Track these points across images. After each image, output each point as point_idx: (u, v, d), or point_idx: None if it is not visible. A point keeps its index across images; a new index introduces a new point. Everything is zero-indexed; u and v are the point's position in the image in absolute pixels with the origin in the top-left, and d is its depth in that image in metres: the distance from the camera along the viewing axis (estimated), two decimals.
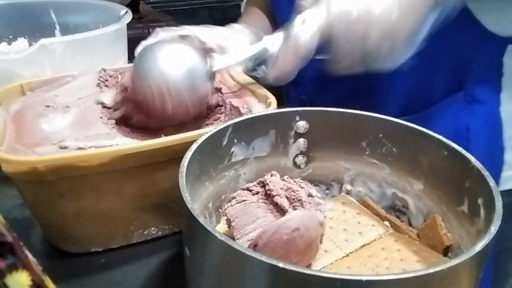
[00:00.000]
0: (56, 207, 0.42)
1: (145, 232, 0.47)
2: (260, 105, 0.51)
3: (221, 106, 0.53)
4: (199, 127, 0.51)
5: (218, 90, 0.54)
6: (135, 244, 0.48)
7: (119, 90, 0.50)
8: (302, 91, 0.74)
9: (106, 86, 0.52)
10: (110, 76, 0.54)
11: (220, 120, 0.52)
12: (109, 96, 0.50)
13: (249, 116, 0.44)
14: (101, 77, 0.53)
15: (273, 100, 0.50)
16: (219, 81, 0.56)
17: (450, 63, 0.61)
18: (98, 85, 0.52)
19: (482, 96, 0.61)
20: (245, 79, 0.56)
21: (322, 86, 0.70)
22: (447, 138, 0.40)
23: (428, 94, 0.64)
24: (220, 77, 0.57)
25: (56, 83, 0.52)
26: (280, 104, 0.51)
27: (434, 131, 0.41)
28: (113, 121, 0.48)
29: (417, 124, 0.42)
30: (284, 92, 0.81)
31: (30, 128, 0.44)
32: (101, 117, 0.47)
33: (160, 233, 0.48)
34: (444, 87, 0.63)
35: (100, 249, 0.46)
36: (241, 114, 0.49)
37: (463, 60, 0.61)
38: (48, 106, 0.47)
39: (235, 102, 0.51)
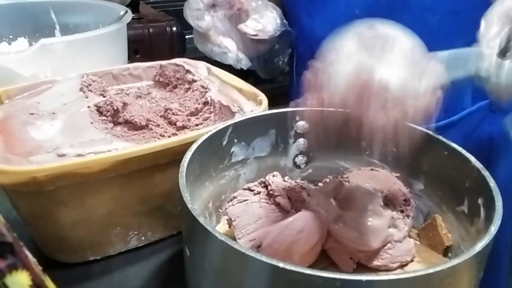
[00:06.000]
0: (54, 217, 0.41)
1: (143, 238, 0.47)
2: (250, 103, 0.51)
3: (210, 105, 0.52)
4: (187, 128, 0.51)
5: (205, 88, 0.54)
6: (134, 248, 0.47)
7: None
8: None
9: (90, 90, 0.51)
10: (93, 81, 0.53)
11: (210, 120, 0.52)
12: None
13: (249, 116, 0.44)
14: (84, 81, 0.52)
15: (263, 97, 0.50)
16: (205, 79, 0.56)
17: None
18: (81, 89, 0.51)
19: (508, 105, 0.59)
20: (231, 77, 0.56)
21: None
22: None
23: (455, 104, 0.61)
24: (206, 76, 0.57)
25: (35, 90, 0.51)
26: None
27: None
28: (105, 125, 0.47)
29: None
30: (292, 94, 0.80)
31: (19, 136, 0.43)
32: (92, 122, 0.46)
33: (158, 236, 0.48)
34: (471, 96, 0.61)
35: (98, 257, 0.46)
36: (232, 113, 0.49)
37: None
38: (32, 114, 0.46)
39: (224, 101, 0.51)
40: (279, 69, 0.75)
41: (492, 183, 0.34)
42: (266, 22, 0.64)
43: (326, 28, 0.70)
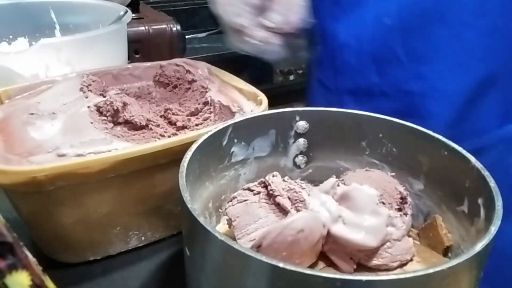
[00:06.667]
0: (54, 217, 0.41)
1: (143, 238, 0.47)
2: (250, 103, 0.51)
3: (210, 105, 0.52)
4: (187, 128, 0.51)
5: (205, 88, 0.54)
6: (134, 248, 0.47)
7: None
8: (335, 101, 0.69)
9: (90, 90, 0.51)
10: (93, 81, 0.53)
11: (210, 120, 0.52)
12: None
13: (249, 116, 0.44)
14: (84, 81, 0.52)
15: (263, 97, 0.50)
16: (205, 79, 0.56)
17: (503, 89, 0.57)
18: (81, 89, 0.51)
19: None
20: (231, 77, 0.56)
21: (361, 100, 0.64)
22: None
23: (478, 122, 0.59)
24: (206, 76, 0.57)
25: (35, 90, 0.51)
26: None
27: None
28: (105, 125, 0.47)
29: None
30: (308, 98, 0.79)
31: (19, 136, 0.43)
32: (92, 122, 0.46)
33: (158, 236, 0.48)
34: (496, 115, 0.58)
35: (98, 257, 0.46)
36: (232, 113, 0.49)
37: None
38: (32, 114, 0.46)
39: (224, 101, 0.51)
40: (297, 64, 0.71)
41: (492, 183, 0.34)
42: (289, 12, 0.59)
43: (350, 35, 0.68)
